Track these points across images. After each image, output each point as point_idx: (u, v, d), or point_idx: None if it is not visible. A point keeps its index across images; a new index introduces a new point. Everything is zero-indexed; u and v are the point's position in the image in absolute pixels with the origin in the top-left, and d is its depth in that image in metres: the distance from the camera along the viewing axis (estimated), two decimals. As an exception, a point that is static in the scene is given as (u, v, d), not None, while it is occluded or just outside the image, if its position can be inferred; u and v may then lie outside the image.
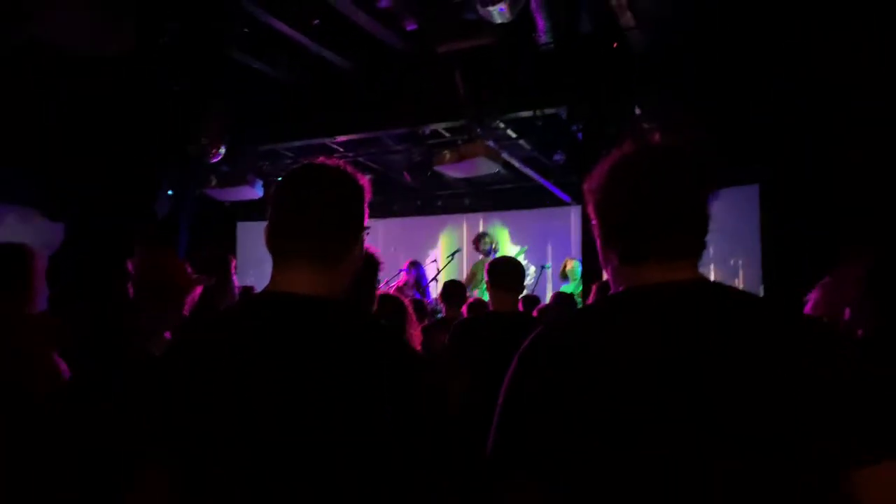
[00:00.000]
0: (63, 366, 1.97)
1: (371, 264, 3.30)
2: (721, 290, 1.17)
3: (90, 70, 5.43)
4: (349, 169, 1.41)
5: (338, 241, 1.31)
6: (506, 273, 3.37)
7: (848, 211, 6.06)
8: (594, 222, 1.30)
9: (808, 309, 3.13)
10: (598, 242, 1.30)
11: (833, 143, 6.14)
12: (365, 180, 1.42)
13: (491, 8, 4.41)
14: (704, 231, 1.22)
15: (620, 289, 1.24)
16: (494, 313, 3.38)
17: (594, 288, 4.06)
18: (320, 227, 1.29)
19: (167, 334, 2.52)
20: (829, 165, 6.28)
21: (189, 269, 2.91)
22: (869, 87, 5.47)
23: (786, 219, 6.96)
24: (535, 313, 4.40)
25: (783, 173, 7.06)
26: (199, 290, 2.99)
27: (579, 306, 5.85)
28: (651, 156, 1.24)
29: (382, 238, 9.97)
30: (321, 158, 1.44)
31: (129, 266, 2.47)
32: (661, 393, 1.07)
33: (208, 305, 3.73)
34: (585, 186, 1.31)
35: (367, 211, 1.41)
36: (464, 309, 5.10)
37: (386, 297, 3.70)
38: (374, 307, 3.35)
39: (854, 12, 4.95)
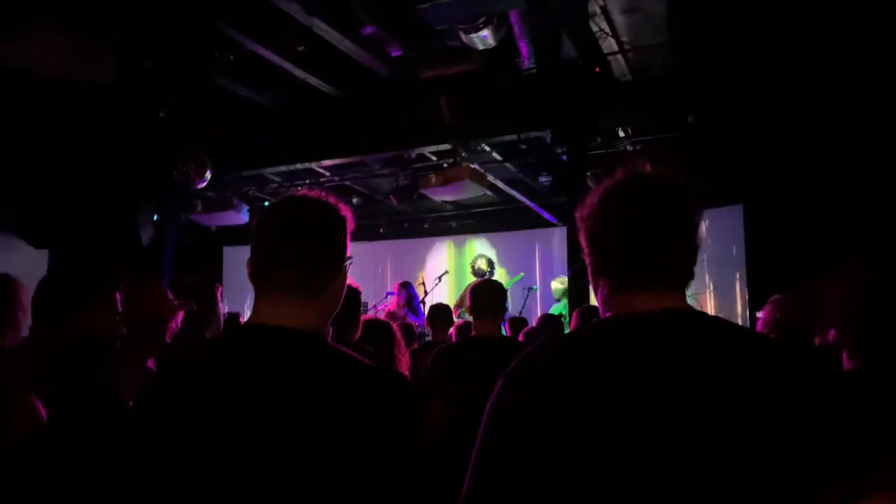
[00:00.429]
0: (39, 406, 1.94)
1: (351, 293, 3.29)
2: (707, 319, 1.19)
3: (76, 97, 5.43)
4: (332, 200, 1.42)
5: (321, 272, 1.32)
6: (486, 298, 3.37)
7: (833, 229, 6.14)
8: (585, 250, 1.31)
9: (758, 326, 3.16)
10: (589, 270, 1.31)
11: (817, 163, 6.24)
12: (347, 211, 1.43)
13: (474, 35, 4.47)
14: (693, 261, 1.24)
15: (609, 315, 1.26)
16: (476, 338, 3.37)
17: (576, 313, 4.07)
18: (303, 259, 1.30)
19: (150, 363, 2.52)
20: (813, 185, 6.37)
21: (171, 297, 2.91)
22: (852, 105, 5.57)
23: (770, 238, 7.03)
24: (521, 337, 4.39)
25: (767, 192, 7.15)
26: (181, 315, 2.99)
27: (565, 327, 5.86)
28: (641, 186, 1.25)
29: (369, 261, 9.97)
30: (304, 190, 1.45)
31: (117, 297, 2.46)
32: (647, 418, 1.08)
33: (193, 333, 3.72)
34: (577, 214, 1.32)
35: (349, 242, 1.41)
36: (452, 332, 5.10)
37: (372, 322, 3.69)
38: (359, 333, 3.35)
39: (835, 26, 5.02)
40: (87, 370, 2.11)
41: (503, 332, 5.52)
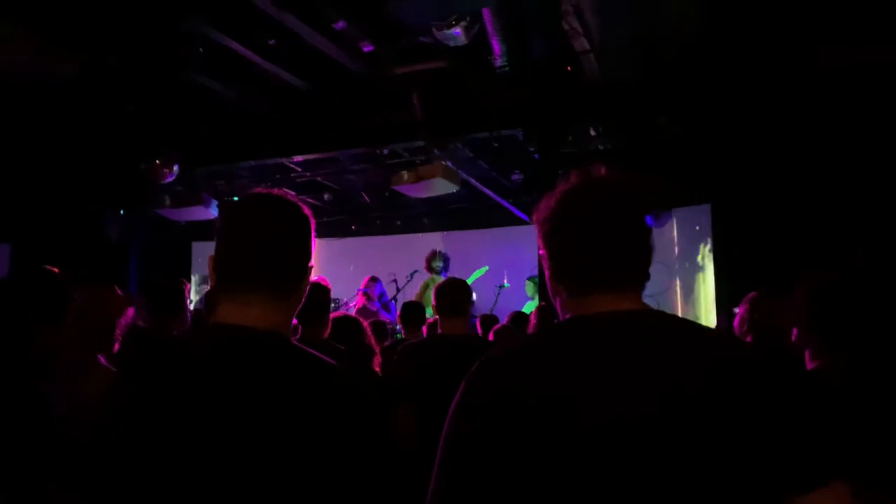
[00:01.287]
0: None
1: (321, 290, 3.27)
2: (664, 319, 1.20)
3: (40, 92, 5.31)
4: (294, 199, 1.42)
5: (287, 273, 1.32)
6: (451, 296, 3.37)
7: (800, 230, 6.25)
8: (542, 253, 1.33)
9: (735, 322, 3.22)
10: (547, 274, 1.32)
11: (786, 162, 6.34)
12: (309, 210, 1.43)
13: (447, 31, 4.45)
14: (648, 262, 1.26)
15: (569, 317, 1.26)
16: (442, 336, 3.37)
17: (534, 312, 4.09)
18: (269, 259, 1.29)
19: (101, 359, 2.48)
20: (781, 184, 6.47)
21: (119, 292, 2.88)
22: (822, 102, 5.67)
23: (738, 238, 7.13)
24: (491, 335, 4.40)
25: (735, 192, 7.25)
26: (130, 312, 2.95)
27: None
28: (595, 189, 1.27)
29: (341, 257, 9.92)
30: (264, 188, 1.44)
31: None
32: (604, 423, 1.08)
33: (161, 330, 3.67)
34: (534, 217, 1.34)
35: (314, 241, 1.41)
36: (423, 330, 5.09)
37: (343, 319, 3.67)
38: (328, 331, 3.32)
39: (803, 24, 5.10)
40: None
41: (476, 329, 5.56)
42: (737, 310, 3.26)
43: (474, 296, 7.32)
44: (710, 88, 6.05)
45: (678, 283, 7.33)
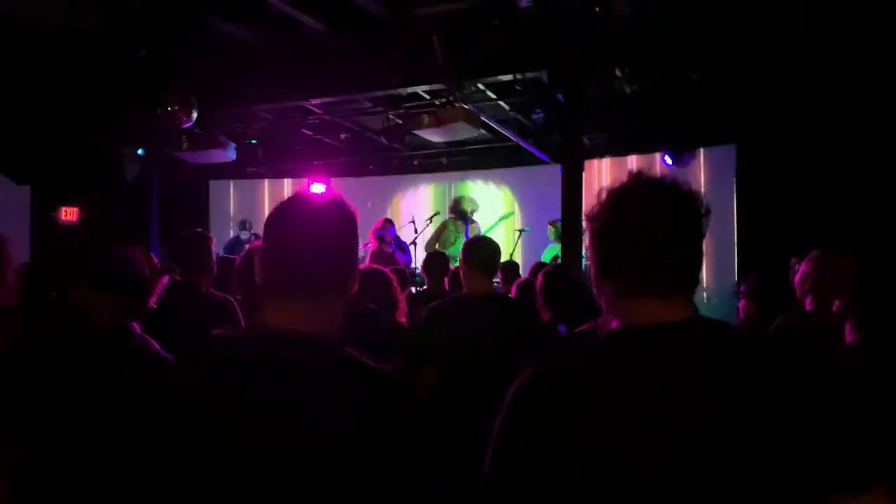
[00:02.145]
0: None
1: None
2: (715, 332, 1.20)
3: (59, 37, 5.21)
4: (339, 197, 1.40)
5: (338, 274, 1.32)
6: (484, 256, 3.34)
7: (826, 179, 6.15)
8: (590, 251, 1.31)
9: (797, 279, 3.17)
10: (593, 270, 1.30)
11: (814, 106, 6.18)
12: (353, 207, 1.41)
13: (472, -25, 4.26)
14: (699, 266, 1.25)
15: (614, 325, 1.25)
16: (468, 296, 3.36)
17: (514, 288, 4.09)
18: (322, 262, 1.29)
19: (135, 326, 2.52)
20: (806, 129, 6.33)
21: (157, 262, 2.88)
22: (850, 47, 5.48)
23: (763, 181, 7.02)
24: (514, 289, 4.39)
25: (762, 134, 7.10)
26: (165, 280, 2.97)
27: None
28: (650, 190, 1.25)
29: (358, 197, 9.86)
30: (310, 189, 1.41)
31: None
32: (657, 447, 1.09)
33: (189, 287, 3.71)
34: (585, 213, 1.32)
35: (359, 241, 1.42)
36: (446, 281, 5.10)
37: (369, 271, 3.66)
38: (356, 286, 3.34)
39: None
40: None
41: (495, 280, 5.58)
42: (800, 266, 3.18)
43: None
44: (738, 28, 5.81)
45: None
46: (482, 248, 3.39)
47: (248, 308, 2.93)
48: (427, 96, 6.78)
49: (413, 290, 6.48)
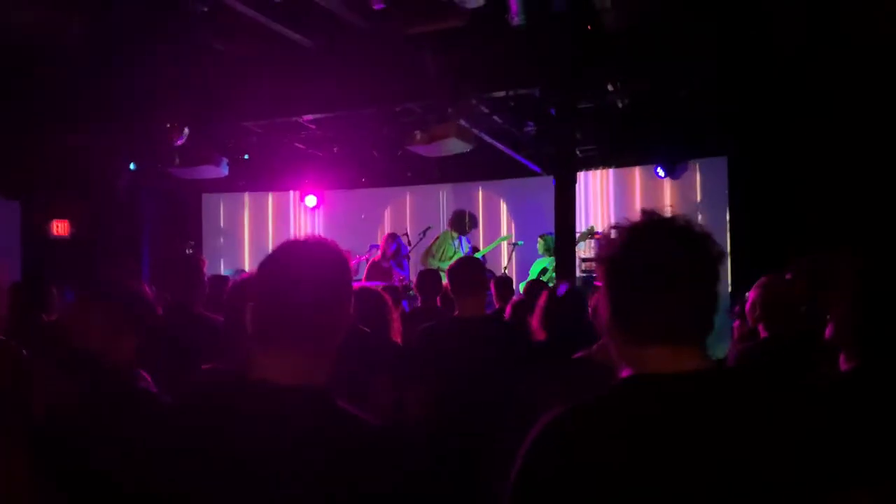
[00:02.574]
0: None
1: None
2: (727, 383, 1.20)
3: (49, 49, 5.19)
4: (331, 244, 1.38)
5: (330, 323, 1.30)
6: (470, 280, 3.35)
7: (816, 188, 6.16)
8: (601, 293, 1.28)
9: (747, 307, 3.16)
10: (603, 314, 1.28)
11: (804, 116, 6.19)
12: (347, 254, 1.41)
13: (465, -2, 4.26)
14: (714, 312, 1.22)
15: (624, 374, 1.23)
16: (458, 319, 3.36)
17: (509, 308, 4.10)
18: (314, 312, 1.27)
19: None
20: (799, 139, 6.33)
21: (150, 292, 2.87)
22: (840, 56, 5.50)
23: (755, 194, 7.02)
24: (508, 310, 4.37)
25: (753, 145, 7.11)
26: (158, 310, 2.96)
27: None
28: (662, 233, 1.22)
29: (352, 209, 9.87)
30: (302, 237, 1.40)
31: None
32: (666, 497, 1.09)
33: (181, 310, 3.70)
34: (598, 253, 1.30)
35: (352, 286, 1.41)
36: (438, 299, 5.08)
37: (365, 293, 3.64)
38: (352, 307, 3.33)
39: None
40: None
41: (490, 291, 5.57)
42: (749, 294, 3.19)
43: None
44: (732, 38, 5.82)
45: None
46: (467, 272, 3.39)
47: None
48: (419, 111, 6.77)
49: (406, 305, 6.49)
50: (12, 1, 4.37)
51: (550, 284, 6.22)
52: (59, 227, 8.44)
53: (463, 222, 7.90)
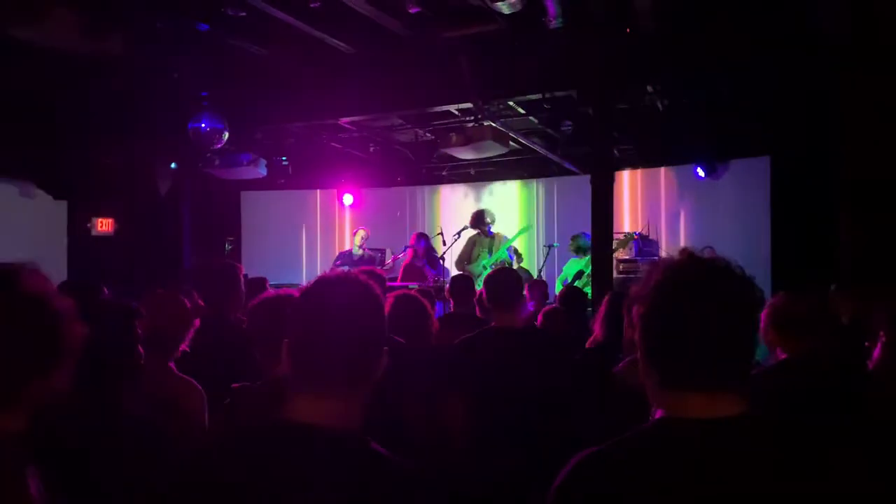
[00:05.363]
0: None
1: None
2: (763, 432, 1.16)
3: (86, 61, 5.32)
4: (363, 279, 1.38)
5: (366, 365, 1.31)
6: (504, 291, 3.35)
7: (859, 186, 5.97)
8: (637, 333, 1.25)
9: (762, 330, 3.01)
10: (639, 354, 1.25)
11: (847, 116, 6.00)
12: (379, 289, 1.40)
13: (501, 1, 4.24)
14: (751, 356, 1.20)
15: (657, 415, 1.22)
16: (495, 330, 3.37)
17: (540, 317, 4.08)
18: (350, 354, 1.28)
19: (171, 365, 2.60)
20: (841, 138, 6.15)
21: (189, 304, 2.93)
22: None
23: (799, 195, 6.85)
24: (539, 318, 4.36)
25: (795, 145, 6.94)
26: (197, 322, 3.03)
27: (588, 294, 5.81)
28: (702, 273, 1.19)
29: (387, 208, 9.92)
30: (337, 271, 1.41)
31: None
32: None
33: (218, 319, 3.77)
34: (633, 291, 1.26)
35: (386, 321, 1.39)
36: (473, 303, 5.07)
37: (407, 301, 3.65)
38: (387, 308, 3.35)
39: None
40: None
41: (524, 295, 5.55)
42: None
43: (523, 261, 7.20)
44: (771, 42, 5.67)
45: (733, 241, 7.08)
46: (500, 284, 3.39)
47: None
48: (457, 113, 6.77)
49: (440, 306, 6.50)
50: (60, 25, 4.49)
51: (586, 289, 6.18)
52: (104, 225, 8.68)
53: (478, 222, 7.82)
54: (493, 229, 7.87)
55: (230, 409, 2.25)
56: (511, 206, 9.33)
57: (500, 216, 8.25)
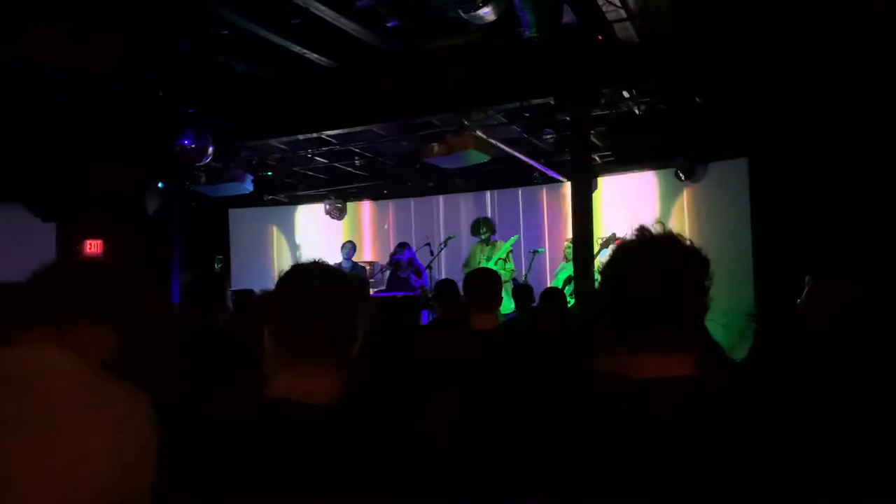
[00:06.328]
0: None
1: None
2: (708, 393, 1.24)
3: (78, 79, 5.40)
4: (337, 269, 1.48)
5: (347, 342, 1.37)
6: (479, 291, 3.38)
7: (841, 188, 6.09)
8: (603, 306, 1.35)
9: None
10: (607, 324, 1.35)
11: (825, 117, 6.14)
12: (355, 276, 1.50)
13: (475, 13, 4.36)
14: (699, 321, 1.29)
15: (617, 377, 1.30)
16: (475, 333, 3.41)
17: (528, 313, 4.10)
18: (332, 330, 1.35)
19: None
20: (821, 140, 6.28)
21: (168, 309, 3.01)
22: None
23: (778, 195, 6.97)
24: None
25: (772, 146, 7.06)
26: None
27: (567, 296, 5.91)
28: (646, 246, 1.30)
29: (373, 221, 10.01)
30: (309, 261, 1.48)
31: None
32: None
33: (205, 327, 3.84)
34: (599, 271, 1.38)
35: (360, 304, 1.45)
36: (457, 307, 5.14)
37: (388, 303, 3.71)
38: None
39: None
40: None
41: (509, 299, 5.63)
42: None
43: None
44: (749, 44, 5.81)
45: (715, 241, 7.21)
46: (475, 284, 3.43)
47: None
48: (438, 122, 6.87)
49: (426, 314, 6.57)
50: (47, 46, 4.54)
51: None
52: (93, 246, 8.71)
53: (477, 229, 8.03)
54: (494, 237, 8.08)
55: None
56: (496, 214, 9.42)
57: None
